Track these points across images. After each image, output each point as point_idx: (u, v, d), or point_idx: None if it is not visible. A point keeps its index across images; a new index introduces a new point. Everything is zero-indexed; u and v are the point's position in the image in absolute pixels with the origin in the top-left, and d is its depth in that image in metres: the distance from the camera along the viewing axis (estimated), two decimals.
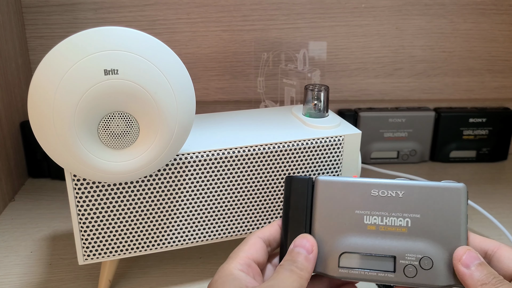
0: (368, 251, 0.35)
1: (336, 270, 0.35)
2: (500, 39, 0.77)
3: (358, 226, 0.35)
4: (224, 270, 0.33)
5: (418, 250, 0.34)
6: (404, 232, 0.35)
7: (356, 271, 0.34)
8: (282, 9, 0.73)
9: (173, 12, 0.72)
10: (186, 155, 0.42)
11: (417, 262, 0.34)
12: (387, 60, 0.77)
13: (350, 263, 0.35)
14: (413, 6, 0.74)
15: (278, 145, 0.45)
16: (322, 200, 0.36)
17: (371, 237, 0.35)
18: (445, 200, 0.34)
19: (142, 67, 0.35)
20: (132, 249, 0.44)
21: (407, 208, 0.35)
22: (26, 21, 0.71)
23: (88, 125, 0.36)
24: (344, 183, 0.36)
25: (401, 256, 0.34)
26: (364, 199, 0.36)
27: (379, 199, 0.35)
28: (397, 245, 0.34)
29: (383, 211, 0.35)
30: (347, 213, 0.36)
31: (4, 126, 0.64)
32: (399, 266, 0.34)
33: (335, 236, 0.35)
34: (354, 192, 0.36)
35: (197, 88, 0.75)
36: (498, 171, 0.75)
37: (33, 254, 0.53)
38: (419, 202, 0.35)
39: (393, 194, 0.35)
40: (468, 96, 0.81)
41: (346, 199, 0.36)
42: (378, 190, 0.35)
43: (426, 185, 0.35)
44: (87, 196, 0.41)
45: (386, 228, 0.35)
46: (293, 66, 0.69)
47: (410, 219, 0.35)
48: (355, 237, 0.35)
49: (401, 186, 0.35)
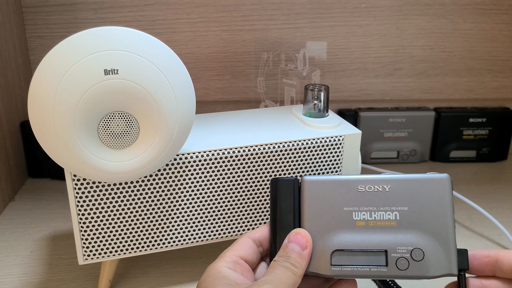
0: (359, 247, 0.35)
1: (328, 268, 0.35)
2: (500, 39, 0.77)
3: (348, 223, 0.35)
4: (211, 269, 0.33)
5: (408, 242, 0.34)
6: (393, 225, 0.35)
7: (349, 268, 0.34)
8: (282, 9, 0.73)
9: (173, 12, 0.72)
10: (186, 155, 0.42)
11: (409, 254, 0.34)
12: (387, 60, 0.77)
13: (342, 261, 0.35)
14: (413, 6, 0.74)
15: (278, 145, 0.45)
16: (310, 199, 0.36)
17: (361, 233, 0.35)
18: (430, 191, 0.35)
19: (142, 67, 0.35)
20: (132, 249, 0.44)
21: (394, 201, 0.35)
22: (26, 21, 0.71)
23: (88, 125, 0.36)
24: (330, 181, 0.36)
25: (392, 250, 0.34)
26: (351, 196, 0.36)
27: (366, 195, 0.36)
28: (387, 239, 0.35)
29: (371, 206, 0.35)
30: (335, 211, 0.36)
31: (4, 126, 0.64)
32: (391, 260, 0.34)
33: (325, 234, 0.35)
34: (341, 190, 0.36)
35: (197, 88, 0.75)
36: (498, 171, 0.75)
37: (33, 254, 0.53)
38: (405, 195, 0.35)
39: (380, 189, 0.36)
40: (468, 96, 0.81)
41: (334, 197, 0.36)
42: (364, 185, 0.36)
43: (411, 177, 0.35)
44: (87, 196, 0.41)
45: (376, 222, 0.35)
46: (293, 66, 0.69)
47: (398, 212, 0.35)
48: (345, 234, 0.35)
49: (387, 180, 0.36)
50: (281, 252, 0.34)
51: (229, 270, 0.33)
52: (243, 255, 0.35)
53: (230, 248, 0.35)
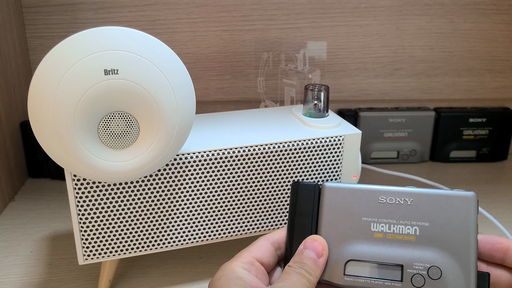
0: (375, 259, 0.34)
1: (341, 278, 0.34)
2: (500, 39, 0.77)
3: (365, 233, 0.35)
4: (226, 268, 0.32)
5: (426, 259, 0.33)
6: (412, 240, 0.34)
7: (362, 280, 0.34)
8: (282, 9, 0.73)
9: (173, 12, 0.72)
10: (186, 155, 0.42)
11: (425, 271, 0.33)
12: (387, 60, 0.77)
13: (356, 271, 0.34)
14: (413, 6, 0.74)
15: (278, 145, 0.45)
16: (329, 206, 0.36)
17: (378, 245, 0.34)
18: (454, 208, 0.34)
19: (142, 67, 0.35)
20: (132, 249, 0.44)
21: (415, 216, 0.34)
22: (26, 21, 0.71)
23: (88, 125, 0.36)
24: (351, 190, 0.36)
25: (408, 265, 0.33)
26: (371, 206, 0.35)
27: (386, 206, 0.35)
28: (404, 254, 0.34)
29: (390, 218, 0.34)
30: (353, 220, 0.35)
31: (4, 126, 0.64)
32: (407, 276, 0.33)
33: (341, 243, 0.35)
34: (361, 199, 0.35)
35: (197, 88, 0.75)
36: (498, 171, 0.75)
37: (33, 254, 0.53)
38: (427, 210, 0.34)
39: (401, 202, 0.35)
40: (468, 96, 0.81)
41: (353, 206, 0.35)
42: (385, 197, 0.35)
43: (435, 193, 0.34)
44: (87, 196, 0.41)
45: (394, 236, 0.34)
46: (293, 66, 0.69)
47: (418, 227, 0.34)
48: (362, 244, 0.34)
49: (410, 194, 0.35)
50: (296, 258, 0.33)
51: (244, 271, 0.32)
52: (260, 257, 0.34)
53: (246, 249, 0.34)
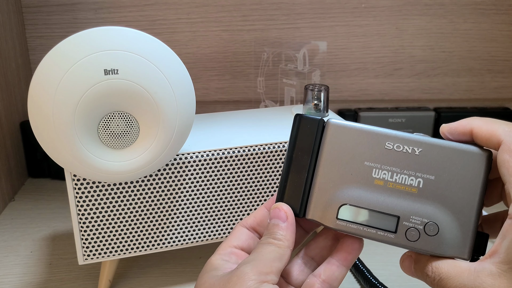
0: (371, 206, 0.32)
1: (333, 221, 0.32)
2: (500, 39, 0.77)
3: (365, 178, 0.32)
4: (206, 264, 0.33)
5: (425, 214, 0.31)
6: (413, 192, 0.32)
7: (354, 226, 0.32)
8: (282, 9, 0.73)
9: (173, 12, 0.72)
10: (186, 155, 0.42)
11: (422, 226, 0.31)
12: (387, 60, 0.77)
13: (350, 216, 0.32)
14: (413, 6, 0.74)
15: (278, 145, 0.45)
16: (331, 145, 0.33)
17: (376, 192, 0.32)
18: (465, 165, 0.31)
19: (142, 67, 0.35)
20: (132, 249, 0.44)
21: (421, 167, 0.32)
22: (26, 21, 0.71)
23: (88, 125, 0.36)
24: (358, 130, 0.33)
25: (405, 218, 0.32)
26: (376, 151, 0.32)
27: (392, 153, 0.32)
28: (403, 205, 0.32)
29: (395, 166, 0.32)
30: (355, 163, 0.33)
31: (4, 126, 0.64)
32: (402, 228, 0.31)
33: (338, 185, 0.33)
34: (367, 142, 0.33)
35: (197, 88, 0.75)
36: None
37: (33, 254, 0.53)
38: (436, 162, 0.32)
39: (409, 150, 0.32)
40: (468, 96, 0.81)
41: (357, 148, 0.33)
42: (393, 143, 0.32)
43: (447, 145, 0.32)
44: (87, 196, 0.41)
45: (395, 185, 0.32)
46: (293, 66, 0.69)
47: (422, 179, 0.32)
48: (360, 189, 0.32)
49: (420, 143, 0.32)
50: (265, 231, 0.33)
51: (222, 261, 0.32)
52: (238, 244, 0.34)
53: (224, 240, 0.35)
